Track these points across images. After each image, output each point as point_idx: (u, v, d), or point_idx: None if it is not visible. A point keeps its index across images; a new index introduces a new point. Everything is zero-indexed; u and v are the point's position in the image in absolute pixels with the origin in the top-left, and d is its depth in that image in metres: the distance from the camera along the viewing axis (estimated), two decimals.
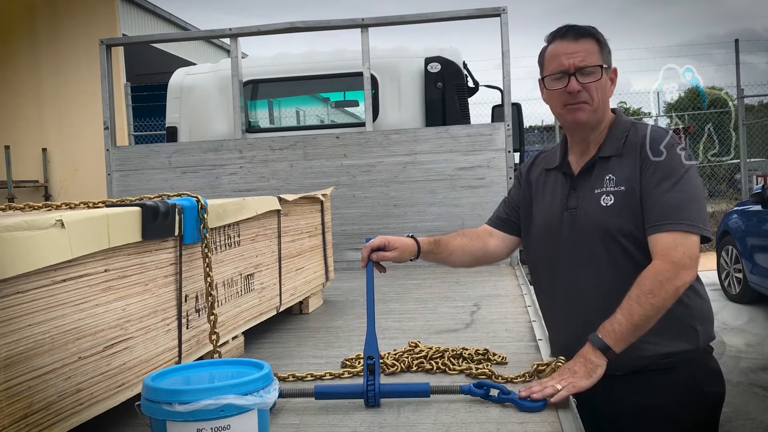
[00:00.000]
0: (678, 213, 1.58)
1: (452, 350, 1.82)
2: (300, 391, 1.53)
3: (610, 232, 1.66)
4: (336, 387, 1.56)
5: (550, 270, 1.82)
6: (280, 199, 2.33)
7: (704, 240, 1.60)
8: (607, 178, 1.68)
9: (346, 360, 1.84)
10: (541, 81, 1.76)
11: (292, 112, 7.88)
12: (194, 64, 6.81)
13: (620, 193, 1.66)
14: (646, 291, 1.51)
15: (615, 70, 1.75)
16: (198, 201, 1.67)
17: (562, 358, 1.59)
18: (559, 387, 1.43)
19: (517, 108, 5.04)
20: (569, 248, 1.73)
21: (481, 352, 1.82)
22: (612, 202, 1.66)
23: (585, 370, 1.47)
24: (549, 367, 1.59)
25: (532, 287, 2.88)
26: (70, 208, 1.60)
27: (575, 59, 1.67)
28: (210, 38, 11.79)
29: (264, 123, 5.86)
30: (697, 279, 1.73)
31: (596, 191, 1.69)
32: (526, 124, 8.58)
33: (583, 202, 1.72)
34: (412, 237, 1.82)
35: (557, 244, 1.76)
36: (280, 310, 2.36)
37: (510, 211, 1.94)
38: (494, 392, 1.47)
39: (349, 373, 1.73)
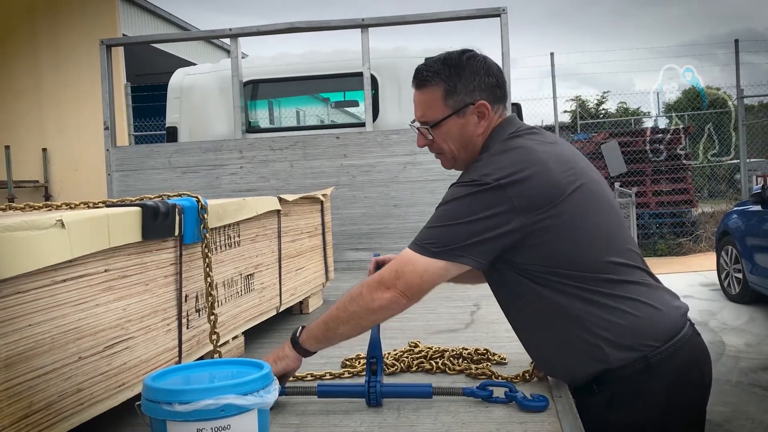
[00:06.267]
0: (421, 233, 1.45)
1: (452, 350, 1.82)
2: (303, 389, 1.54)
3: None
4: (338, 385, 1.56)
5: None
6: (280, 199, 2.33)
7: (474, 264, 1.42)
8: None
9: (346, 360, 1.84)
10: None
11: (292, 112, 7.88)
12: (194, 64, 6.81)
13: None
14: (349, 294, 1.48)
15: (483, 105, 1.54)
16: (198, 201, 1.67)
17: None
18: None
19: (517, 108, 5.06)
20: None
21: (480, 351, 1.82)
22: None
23: (274, 355, 1.53)
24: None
25: None
26: (71, 208, 1.60)
27: (416, 113, 1.60)
28: (210, 38, 11.78)
29: (264, 123, 5.86)
30: (621, 296, 1.45)
31: None
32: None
33: None
34: None
35: None
36: (280, 310, 2.36)
37: None
38: (497, 392, 1.47)
39: (349, 373, 1.74)
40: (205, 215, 1.67)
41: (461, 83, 1.54)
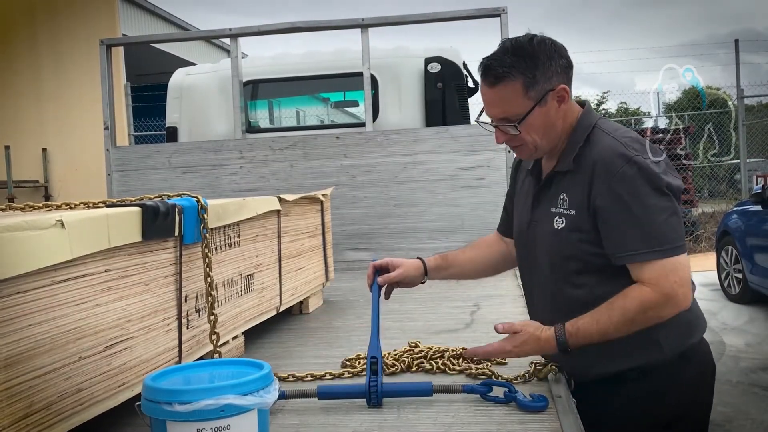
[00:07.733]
0: (654, 239, 1.45)
1: (452, 350, 1.82)
2: (302, 391, 1.54)
3: (561, 255, 1.58)
4: (338, 387, 1.56)
5: (524, 271, 1.79)
6: (280, 199, 2.33)
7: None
8: (561, 197, 1.57)
9: (346, 360, 1.84)
10: None
11: (292, 112, 7.89)
12: (194, 64, 6.81)
13: (571, 217, 1.55)
14: (627, 319, 1.44)
15: (563, 89, 1.54)
16: (198, 201, 1.67)
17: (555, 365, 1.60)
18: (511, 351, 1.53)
19: None
20: (534, 258, 1.69)
21: None
22: (563, 225, 1.56)
23: (536, 348, 1.53)
24: (546, 368, 1.60)
25: None
26: (70, 208, 1.60)
27: (494, 111, 1.56)
28: (210, 38, 11.78)
29: (264, 123, 5.86)
30: None
31: (552, 210, 1.59)
32: None
33: (542, 218, 1.63)
34: (418, 258, 1.83)
35: (527, 251, 1.72)
36: (280, 310, 2.36)
37: (509, 214, 1.90)
38: (497, 392, 1.47)
39: (349, 374, 1.73)
40: (205, 215, 1.67)
41: (539, 72, 1.50)
